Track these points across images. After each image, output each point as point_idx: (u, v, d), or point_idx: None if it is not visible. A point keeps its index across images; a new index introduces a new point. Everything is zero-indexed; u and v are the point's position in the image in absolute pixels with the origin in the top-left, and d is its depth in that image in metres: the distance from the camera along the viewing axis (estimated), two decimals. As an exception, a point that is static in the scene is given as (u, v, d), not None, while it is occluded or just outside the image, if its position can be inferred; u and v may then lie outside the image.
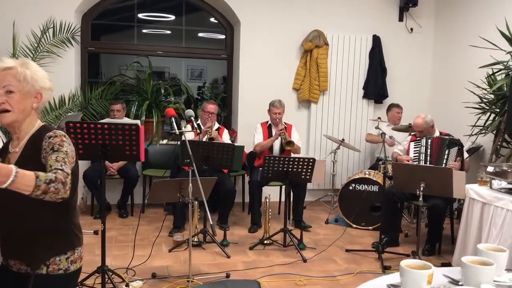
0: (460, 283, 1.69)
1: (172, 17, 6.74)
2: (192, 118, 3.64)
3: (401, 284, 1.62)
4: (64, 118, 4.93)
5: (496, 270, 1.63)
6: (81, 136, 3.21)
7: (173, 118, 3.47)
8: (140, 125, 3.26)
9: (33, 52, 5.35)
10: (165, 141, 6.06)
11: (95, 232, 4.77)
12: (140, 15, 6.58)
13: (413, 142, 4.85)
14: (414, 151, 4.78)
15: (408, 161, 4.70)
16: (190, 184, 3.45)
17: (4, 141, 4.51)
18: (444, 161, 4.55)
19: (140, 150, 3.32)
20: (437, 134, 4.85)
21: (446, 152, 4.57)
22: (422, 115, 4.83)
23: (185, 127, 5.00)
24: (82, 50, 6.04)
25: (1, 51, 5.25)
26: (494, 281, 1.61)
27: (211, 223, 3.33)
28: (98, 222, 5.15)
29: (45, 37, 5.46)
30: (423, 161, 4.66)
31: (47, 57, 5.49)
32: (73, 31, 5.63)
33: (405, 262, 1.61)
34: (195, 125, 3.59)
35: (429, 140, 4.69)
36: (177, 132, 3.43)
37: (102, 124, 3.21)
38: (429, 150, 4.66)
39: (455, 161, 4.52)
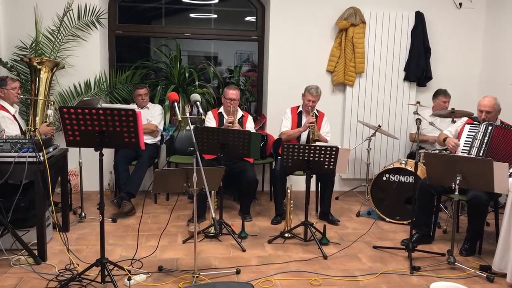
0: None
1: (216, 0, 6.47)
2: (198, 103, 3.40)
3: None
4: (79, 102, 4.80)
5: None
6: (76, 122, 3.03)
7: (175, 103, 3.24)
8: (137, 110, 3.03)
9: (56, 36, 5.27)
10: (192, 127, 5.82)
11: (113, 220, 4.66)
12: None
13: (469, 125, 4.29)
14: (468, 135, 4.22)
15: (456, 145, 4.20)
16: (195, 174, 3.23)
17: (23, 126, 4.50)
18: None
19: (140, 137, 3.11)
20: (498, 122, 4.24)
21: None
22: (490, 95, 4.22)
23: (189, 112, 4.77)
24: (110, 34, 5.93)
25: (23, 35, 5.21)
26: None
27: (213, 216, 3.09)
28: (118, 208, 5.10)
29: (70, 20, 5.37)
30: (476, 149, 4.10)
31: (72, 41, 5.41)
32: (98, 13, 5.50)
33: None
34: (201, 111, 3.34)
35: (490, 127, 4.08)
36: (179, 117, 3.20)
37: (97, 110, 3.01)
38: (486, 138, 4.07)
39: None
